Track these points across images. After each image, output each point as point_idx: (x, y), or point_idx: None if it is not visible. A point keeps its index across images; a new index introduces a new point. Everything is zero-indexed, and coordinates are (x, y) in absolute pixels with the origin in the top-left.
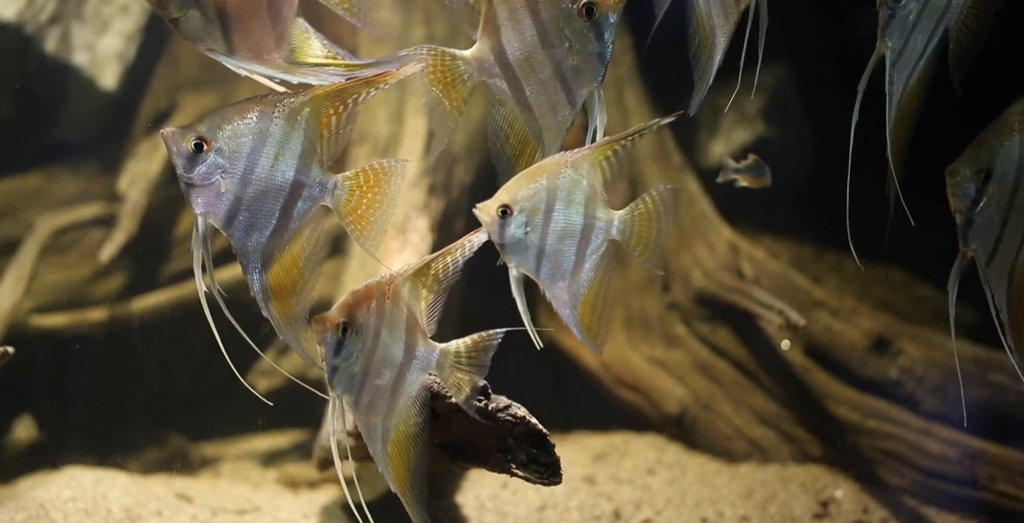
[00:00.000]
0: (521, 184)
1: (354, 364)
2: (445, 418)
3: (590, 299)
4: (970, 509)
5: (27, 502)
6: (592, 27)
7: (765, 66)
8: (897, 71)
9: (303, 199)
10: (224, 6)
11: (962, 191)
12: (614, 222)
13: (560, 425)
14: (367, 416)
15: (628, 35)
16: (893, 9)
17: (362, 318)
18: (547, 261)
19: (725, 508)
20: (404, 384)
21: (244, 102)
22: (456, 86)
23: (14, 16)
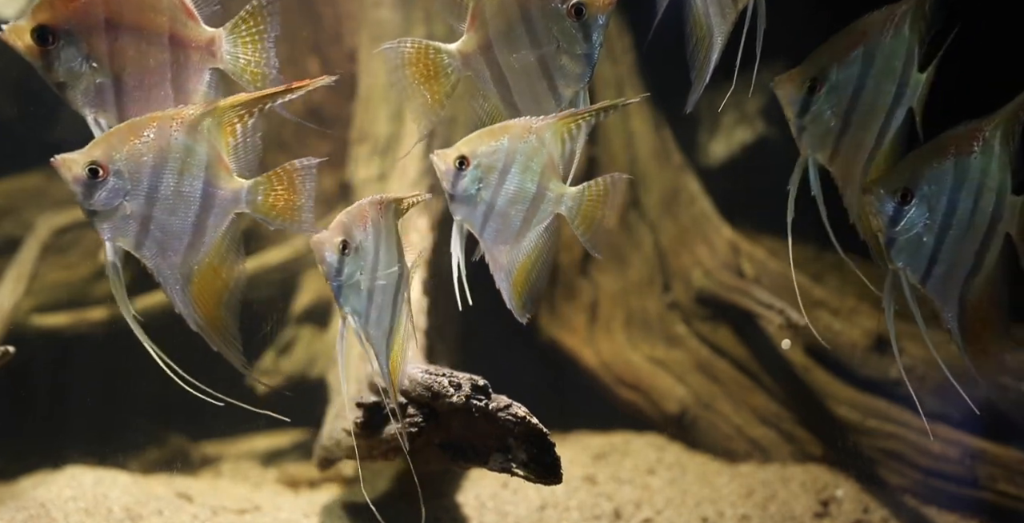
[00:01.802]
0: (483, 139)
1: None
2: (445, 418)
3: (526, 267)
4: (970, 509)
5: (28, 501)
6: (581, 28)
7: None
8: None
9: (215, 210)
10: (121, 74)
11: (878, 210)
12: (564, 197)
13: (560, 425)
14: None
15: (628, 35)
16: (801, 125)
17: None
18: (493, 221)
19: (725, 508)
20: None
21: (139, 120)
22: (439, 79)
23: (15, 16)
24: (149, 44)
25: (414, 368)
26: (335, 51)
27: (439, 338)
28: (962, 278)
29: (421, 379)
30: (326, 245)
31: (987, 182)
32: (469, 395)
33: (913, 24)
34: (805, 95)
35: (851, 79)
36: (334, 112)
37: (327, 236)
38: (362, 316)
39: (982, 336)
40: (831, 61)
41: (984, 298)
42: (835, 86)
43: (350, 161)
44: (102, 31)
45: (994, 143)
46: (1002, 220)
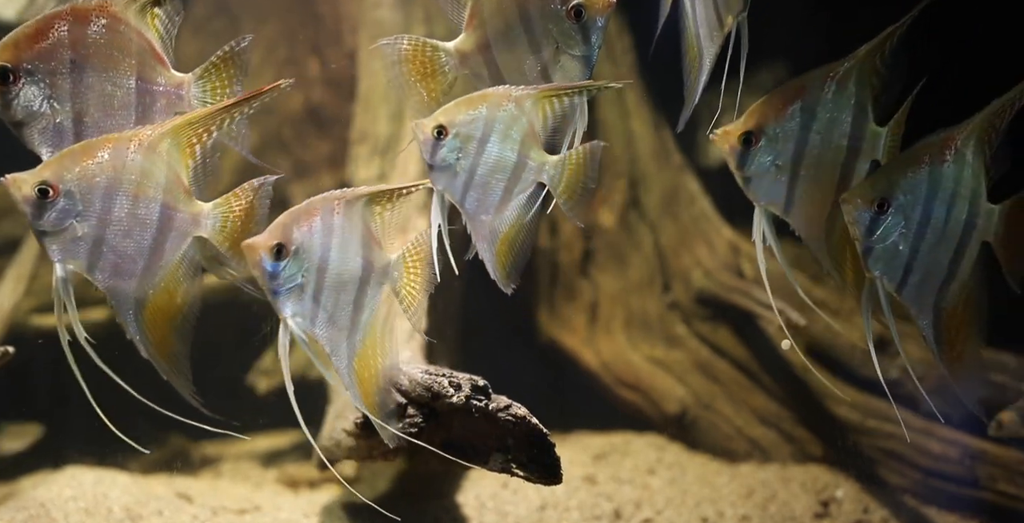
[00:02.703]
0: (461, 108)
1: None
2: (445, 418)
3: (509, 238)
4: (970, 509)
5: (28, 501)
6: (580, 29)
7: (765, 65)
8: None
9: (173, 233)
10: (83, 115)
11: (855, 219)
12: (546, 166)
13: (560, 425)
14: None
15: (628, 35)
16: (745, 177)
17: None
18: (474, 191)
19: (725, 508)
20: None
21: (95, 141)
22: (436, 77)
23: (15, 16)
24: (115, 86)
25: (414, 368)
26: (335, 51)
27: (439, 338)
28: (936, 286)
29: (421, 379)
30: (258, 250)
31: (960, 190)
32: (469, 395)
33: (861, 79)
34: (742, 148)
35: (790, 133)
36: (334, 112)
37: (260, 241)
38: (307, 319)
39: (957, 343)
40: (767, 115)
41: (960, 306)
42: (773, 139)
43: (350, 161)
44: (67, 72)
45: (966, 152)
46: (977, 228)
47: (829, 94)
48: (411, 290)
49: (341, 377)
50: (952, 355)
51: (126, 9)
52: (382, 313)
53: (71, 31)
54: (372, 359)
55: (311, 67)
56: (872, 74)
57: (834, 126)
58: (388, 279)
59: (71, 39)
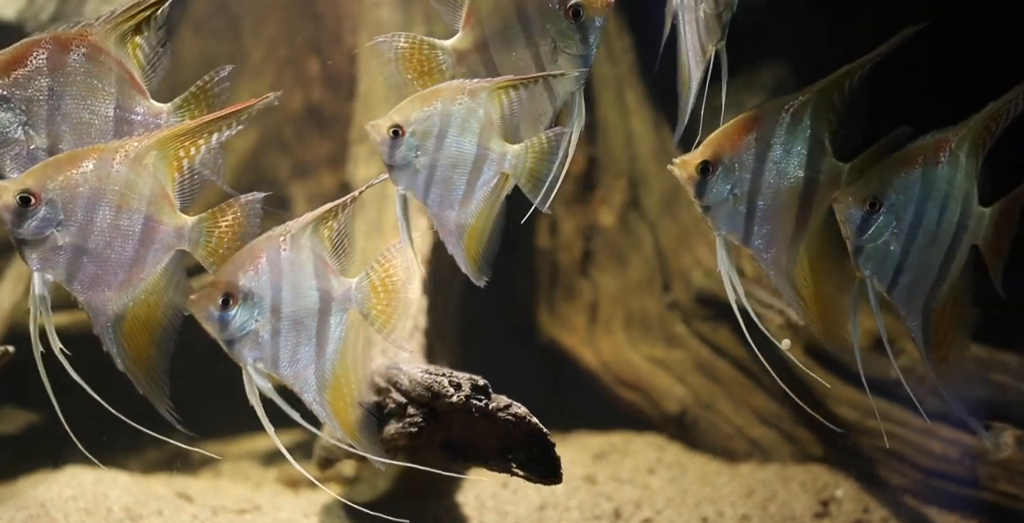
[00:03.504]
0: (415, 106)
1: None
2: (446, 418)
3: (477, 230)
4: (970, 509)
5: (28, 501)
6: (578, 29)
7: (766, 65)
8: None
9: (156, 246)
10: (58, 142)
11: (847, 218)
12: (507, 155)
13: (560, 425)
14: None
15: (628, 35)
16: (704, 205)
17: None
18: (436, 187)
19: (725, 508)
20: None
21: (81, 151)
22: (432, 75)
23: (14, 16)
24: (92, 115)
25: (414, 368)
26: (335, 51)
27: (439, 338)
28: (927, 287)
29: (421, 379)
30: (204, 305)
31: (953, 192)
32: (469, 395)
33: (816, 113)
34: (700, 177)
35: (747, 163)
36: (334, 112)
37: (204, 293)
38: (268, 362)
39: (944, 344)
40: (724, 145)
41: (948, 307)
42: (730, 169)
43: (350, 161)
44: (44, 99)
45: (960, 154)
46: (968, 231)
47: (783, 126)
48: (382, 309)
49: (315, 411)
50: (939, 356)
51: (106, 38)
52: (351, 339)
53: (50, 59)
54: (346, 388)
55: (311, 67)
56: (829, 109)
57: (790, 157)
58: (352, 304)
59: (50, 67)
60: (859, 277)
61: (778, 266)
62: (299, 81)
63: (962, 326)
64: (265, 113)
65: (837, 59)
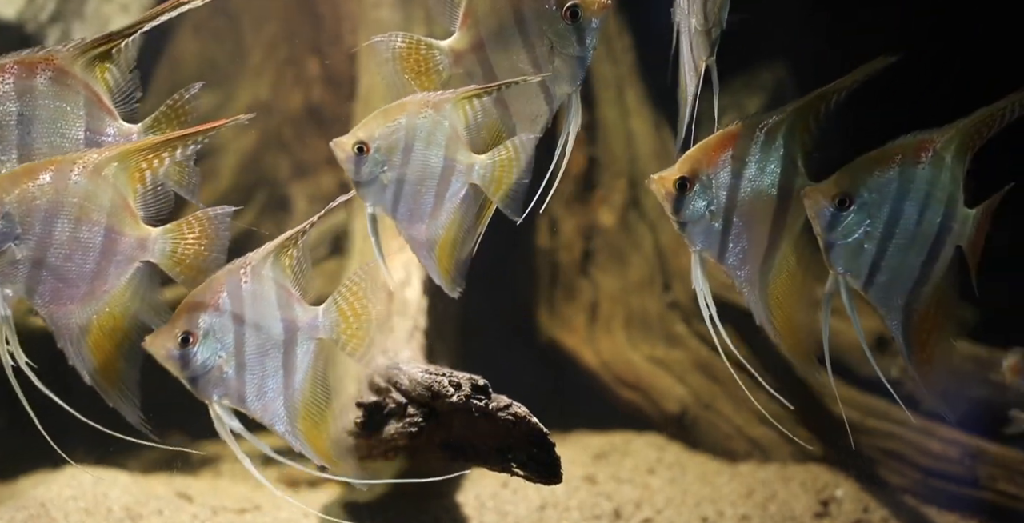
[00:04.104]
0: (379, 121)
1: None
2: (445, 417)
3: (448, 242)
4: (970, 508)
5: (28, 501)
6: (575, 30)
7: (765, 65)
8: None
9: (118, 258)
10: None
11: (816, 214)
12: (475, 166)
13: (560, 425)
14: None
15: (628, 35)
16: (680, 222)
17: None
18: (404, 201)
19: (725, 507)
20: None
21: (38, 163)
22: (429, 75)
23: (14, 15)
24: (62, 137)
25: (414, 368)
26: (335, 51)
27: (439, 338)
28: (907, 287)
29: (421, 379)
30: (162, 344)
31: (935, 193)
32: (469, 395)
33: (790, 133)
34: (677, 193)
35: (723, 180)
36: (334, 112)
37: (164, 334)
38: (234, 398)
39: (927, 346)
40: (701, 162)
41: (931, 309)
42: (707, 185)
43: None
44: (13, 124)
45: (946, 155)
46: (952, 232)
47: (758, 144)
48: (353, 333)
49: (287, 440)
50: (922, 357)
51: (72, 62)
52: (321, 365)
53: (17, 83)
54: (318, 415)
55: (311, 67)
56: (803, 131)
57: (764, 176)
58: (319, 332)
59: (17, 91)
60: (832, 275)
61: (751, 284)
62: (299, 81)
63: (948, 328)
64: (265, 113)
65: (836, 59)
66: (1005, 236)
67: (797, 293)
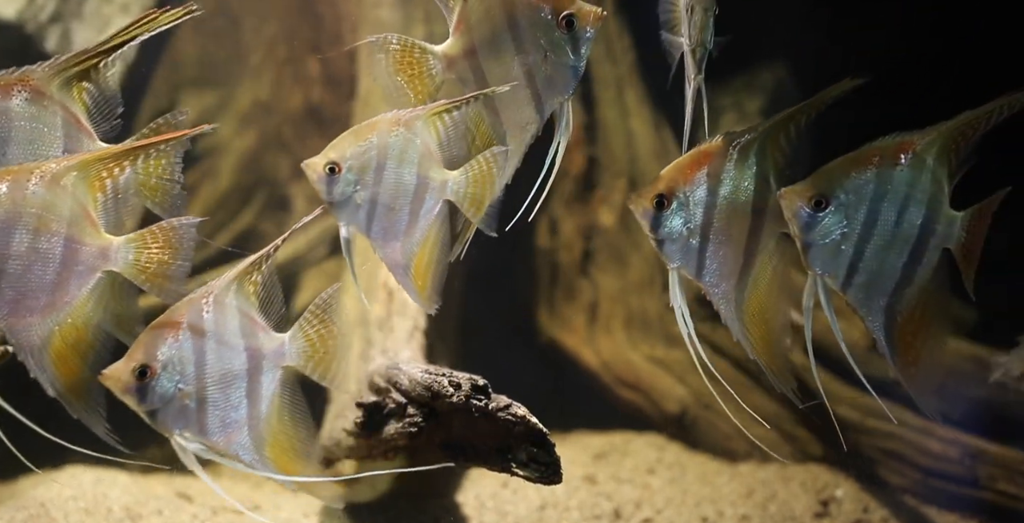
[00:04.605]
0: (350, 141)
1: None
2: (445, 418)
3: (424, 258)
4: (970, 508)
5: (28, 501)
6: (570, 40)
7: (766, 65)
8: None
9: (79, 268)
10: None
11: (793, 214)
12: (448, 182)
13: (560, 425)
14: (228, 435)
15: (628, 35)
16: (658, 239)
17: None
18: (379, 220)
19: (725, 507)
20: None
21: None
22: (423, 79)
23: (14, 15)
24: (39, 159)
25: (414, 368)
26: (335, 51)
27: (439, 338)
28: (888, 289)
29: (421, 379)
30: (118, 379)
31: (915, 195)
32: (469, 395)
33: (762, 151)
34: (655, 211)
35: (699, 197)
36: (334, 111)
37: (120, 367)
38: (195, 430)
39: (913, 348)
40: (677, 179)
41: (917, 311)
42: (684, 203)
43: None
44: None
45: (927, 157)
46: (936, 234)
47: (731, 161)
48: (321, 358)
49: (255, 470)
50: (908, 360)
51: (48, 83)
52: (288, 393)
53: None
54: (287, 441)
55: (311, 66)
56: (775, 149)
57: (738, 192)
58: (285, 359)
59: None
60: (811, 275)
61: (728, 300)
62: (299, 81)
63: (937, 330)
64: (265, 113)
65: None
66: (1004, 238)
67: (773, 309)
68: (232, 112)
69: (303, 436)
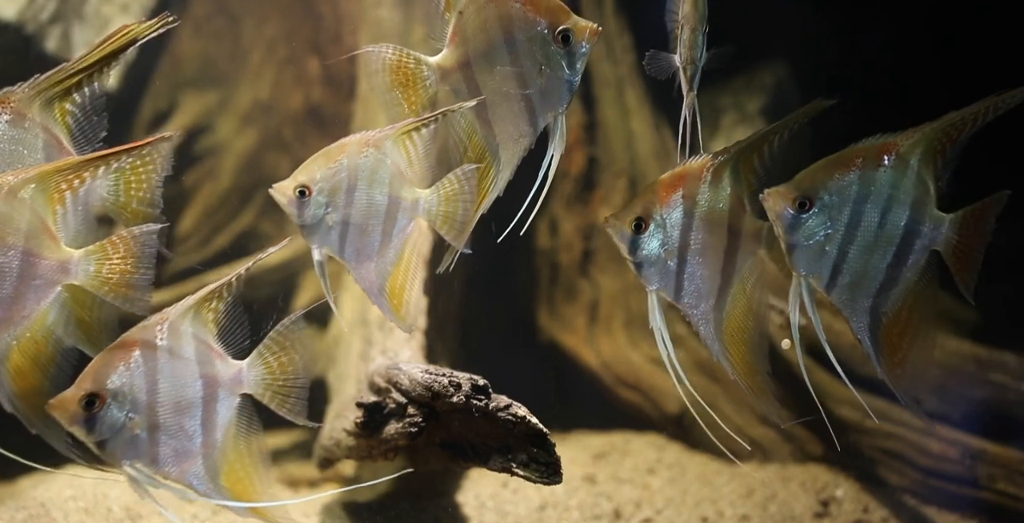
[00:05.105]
0: (320, 163)
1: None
2: (445, 418)
3: (399, 278)
4: (970, 508)
5: (28, 501)
6: (566, 54)
7: (766, 65)
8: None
9: (36, 283)
10: None
11: (777, 216)
12: (420, 201)
13: (560, 425)
14: (181, 465)
15: (628, 34)
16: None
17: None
18: (351, 241)
19: (725, 507)
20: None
21: None
22: (416, 89)
23: (15, 15)
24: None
25: (414, 368)
26: (335, 51)
27: (439, 338)
28: (873, 290)
29: (421, 379)
30: (65, 408)
31: (898, 196)
32: (469, 395)
33: (736, 173)
34: (633, 234)
35: (676, 220)
36: (334, 112)
37: (68, 396)
38: (146, 461)
39: (899, 349)
40: (654, 202)
41: (903, 312)
42: (660, 225)
43: None
44: None
45: (910, 159)
46: (921, 236)
47: (706, 184)
48: (281, 387)
49: (209, 499)
50: (893, 361)
51: (29, 104)
52: (245, 420)
53: None
54: (243, 469)
55: (311, 66)
56: (749, 171)
57: (713, 213)
58: (243, 387)
59: None
60: (796, 276)
61: (707, 321)
62: (299, 81)
63: (921, 332)
64: (265, 113)
65: (836, 59)
66: (1003, 238)
67: (751, 328)
68: (232, 112)
69: (258, 464)
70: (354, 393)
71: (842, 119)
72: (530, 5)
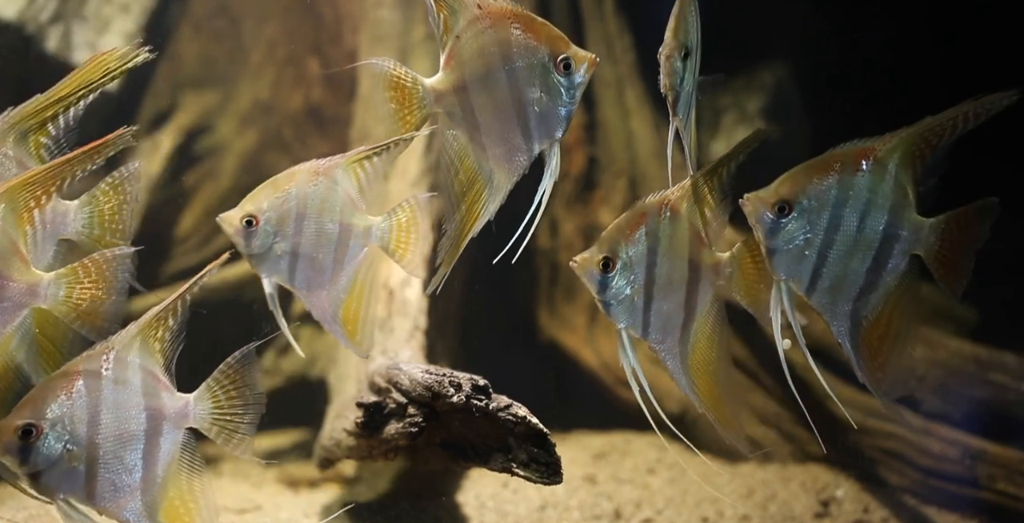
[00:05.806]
0: (267, 192)
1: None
2: (446, 418)
3: (352, 305)
4: (970, 508)
5: (28, 501)
6: (565, 83)
7: (766, 65)
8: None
9: (3, 305)
10: None
11: (757, 220)
12: (373, 228)
13: (560, 425)
14: (121, 501)
15: (628, 34)
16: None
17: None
18: (301, 270)
19: (725, 508)
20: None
21: None
22: (412, 109)
23: (15, 15)
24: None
25: (414, 368)
26: (335, 51)
27: (439, 338)
28: (852, 294)
29: (421, 379)
30: (2, 438)
31: (877, 200)
32: (469, 395)
33: (691, 206)
34: (600, 272)
35: (640, 256)
36: (334, 112)
37: (3, 425)
38: (82, 496)
39: (880, 353)
40: (618, 241)
41: (883, 316)
42: (627, 263)
43: None
44: None
45: (888, 163)
46: (901, 240)
47: (665, 219)
48: (228, 421)
49: None
50: (874, 365)
51: (4, 138)
52: (188, 456)
53: None
54: (183, 506)
55: (311, 67)
56: (703, 203)
57: (675, 249)
58: (188, 421)
59: None
60: (776, 280)
61: (673, 355)
62: (299, 81)
63: (903, 337)
64: (265, 113)
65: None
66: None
67: (715, 359)
68: (232, 112)
69: (199, 500)
70: (354, 393)
71: (842, 119)
72: (531, 32)
